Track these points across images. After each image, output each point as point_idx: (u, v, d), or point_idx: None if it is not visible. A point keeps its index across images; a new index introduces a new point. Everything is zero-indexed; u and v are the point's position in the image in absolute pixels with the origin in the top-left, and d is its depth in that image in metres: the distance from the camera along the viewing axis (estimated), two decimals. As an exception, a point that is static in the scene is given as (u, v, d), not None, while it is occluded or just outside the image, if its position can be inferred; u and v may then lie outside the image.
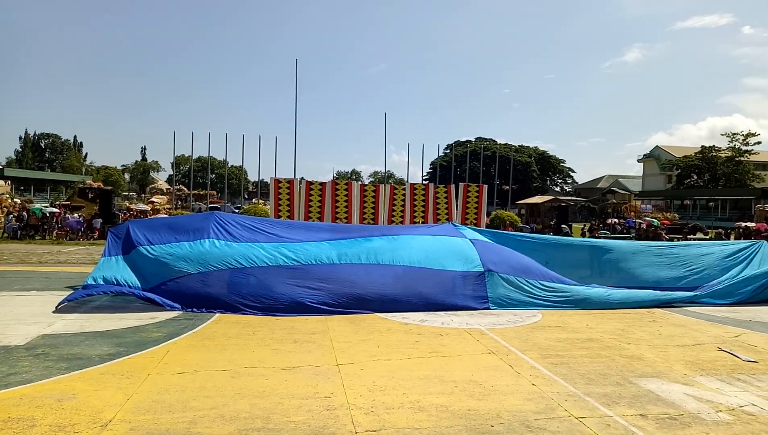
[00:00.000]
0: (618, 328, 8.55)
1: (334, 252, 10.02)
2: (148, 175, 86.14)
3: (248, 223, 10.82)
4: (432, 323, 8.61)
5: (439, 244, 10.82)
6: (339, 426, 4.42)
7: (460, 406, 4.95)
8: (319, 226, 12.50)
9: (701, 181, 61.18)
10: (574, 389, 5.53)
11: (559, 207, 34.05)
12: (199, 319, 8.35)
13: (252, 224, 10.73)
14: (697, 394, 5.46)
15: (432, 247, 10.64)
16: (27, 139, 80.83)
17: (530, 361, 6.55)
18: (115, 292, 9.20)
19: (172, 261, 9.38)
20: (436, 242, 10.92)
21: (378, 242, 10.57)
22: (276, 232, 10.50)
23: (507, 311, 9.69)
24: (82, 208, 30.24)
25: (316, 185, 16.13)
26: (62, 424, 4.28)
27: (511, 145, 75.23)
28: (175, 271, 9.26)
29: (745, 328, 8.86)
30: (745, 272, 11.67)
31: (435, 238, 11.11)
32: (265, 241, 10.11)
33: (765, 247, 12.43)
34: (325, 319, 8.66)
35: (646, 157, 75.82)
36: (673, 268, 12.01)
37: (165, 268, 9.32)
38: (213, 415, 4.58)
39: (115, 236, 10.21)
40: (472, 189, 17.81)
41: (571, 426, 4.57)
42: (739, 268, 11.90)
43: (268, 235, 10.34)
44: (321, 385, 5.43)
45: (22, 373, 5.55)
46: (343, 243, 10.39)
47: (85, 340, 6.97)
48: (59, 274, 12.77)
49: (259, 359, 6.33)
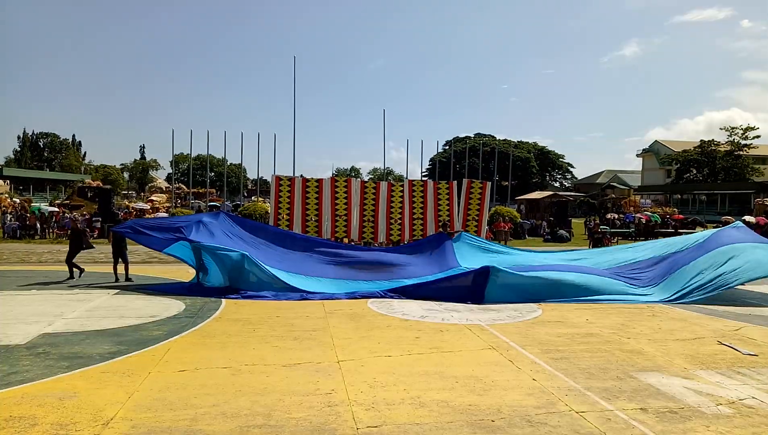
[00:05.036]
0: (618, 323, 8.57)
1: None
2: (147, 173, 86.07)
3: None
4: (432, 319, 8.62)
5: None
6: (340, 422, 4.43)
7: (461, 402, 4.96)
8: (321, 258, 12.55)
9: (700, 176, 61.18)
10: (574, 384, 5.54)
11: (559, 202, 34.03)
12: (200, 317, 8.37)
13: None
14: (698, 388, 5.48)
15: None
16: (25, 139, 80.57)
17: (530, 356, 6.56)
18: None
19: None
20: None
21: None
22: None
23: (507, 307, 9.70)
24: (81, 207, 30.21)
25: (313, 182, 16.02)
26: (64, 423, 4.29)
27: (510, 141, 75.07)
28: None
29: (745, 321, 8.87)
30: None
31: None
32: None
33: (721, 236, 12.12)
34: (326, 316, 8.68)
35: (645, 152, 75.82)
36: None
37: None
38: (214, 412, 4.59)
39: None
40: (476, 185, 17.52)
41: (572, 420, 4.58)
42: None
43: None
44: (322, 382, 5.44)
45: (23, 372, 5.56)
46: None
47: (86, 338, 6.98)
48: (59, 273, 12.76)
49: (260, 356, 6.34)
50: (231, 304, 9.59)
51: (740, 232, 12.39)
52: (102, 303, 9.37)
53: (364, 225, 16.37)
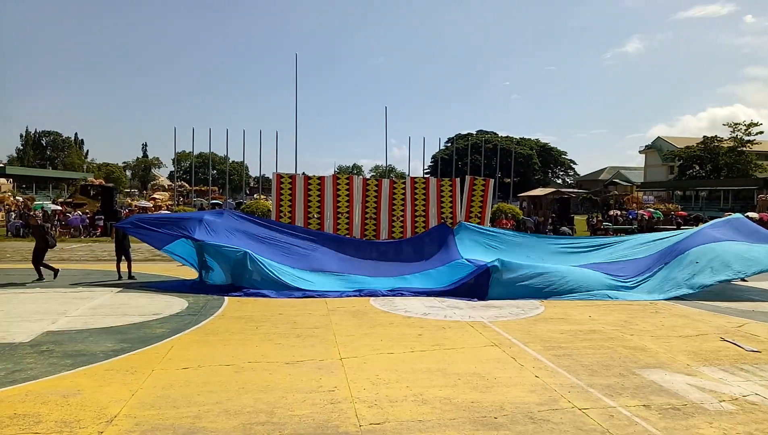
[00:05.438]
0: (621, 320, 8.56)
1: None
2: (149, 171, 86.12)
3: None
4: (434, 316, 8.63)
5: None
6: (343, 419, 4.43)
7: (464, 399, 4.96)
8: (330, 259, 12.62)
9: (703, 172, 60.91)
10: (577, 381, 5.54)
11: (561, 199, 33.93)
12: (203, 315, 8.39)
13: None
14: (700, 384, 5.47)
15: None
16: (28, 137, 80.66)
17: (533, 353, 6.56)
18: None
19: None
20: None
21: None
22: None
23: (509, 303, 9.70)
24: (84, 206, 30.29)
25: (315, 180, 16.02)
26: (68, 420, 4.31)
27: (513, 138, 74.84)
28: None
29: (748, 318, 8.86)
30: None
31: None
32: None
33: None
34: (328, 313, 8.69)
35: (647, 148, 75.47)
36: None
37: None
38: (217, 409, 4.60)
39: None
40: (478, 182, 17.55)
41: (575, 417, 4.58)
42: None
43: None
44: (324, 379, 5.45)
45: (27, 369, 5.58)
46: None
47: (89, 336, 7.00)
48: (62, 271, 12.79)
49: (263, 354, 6.35)
50: (233, 301, 9.61)
51: (716, 231, 12.37)
52: (105, 301, 9.40)
53: (366, 223, 16.37)
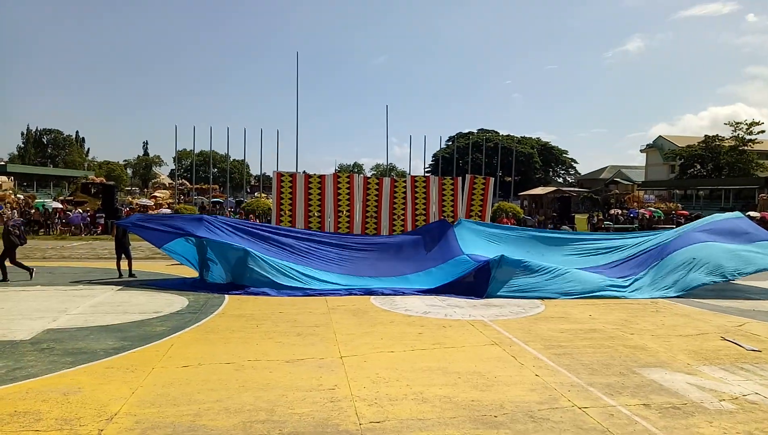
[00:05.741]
0: (621, 319, 8.55)
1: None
2: (150, 169, 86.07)
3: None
4: (435, 315, 8.63)
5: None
6: (343, 418, 4.44)
7: (464, 397, 4.96)
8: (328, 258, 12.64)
9: (704, 171, 60.83)
10: (577, 379, 5.54)
11: (562, 198, 33.92)
12: (203, 313, 8.40)
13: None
14: (701, 384, 5.47)
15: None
16: (29, 135, 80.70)
17: (533, 352, 6.56)
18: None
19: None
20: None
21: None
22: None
23: (510, 302, 9.70)
24: (85, 204, 30.31)
25: (315, 178, 16.02)
26: (68, 418, 4.31)
27: (514, 137, 74.81)
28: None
29: (748, 317, 8.86)
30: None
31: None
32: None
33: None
34: (329, 312, 8.70)
35: (648, 147, 75.39)
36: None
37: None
38: (217, 407, 4.61)
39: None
40: (479, 181, 17.59)
41: (575, 416, 4.58)
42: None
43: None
44: (325, 378, 5.45)
45: (27, 367, 5.58)
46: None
47: (90, 334, 7.01)
48: (63, 269, 12.82)
49: (263, 352, 6.36)
50: (234, 299, 9.61)
51: (704, 234, 12.40)
52: (106, 299, 9.40)
53: (367, 221, 16.38)
